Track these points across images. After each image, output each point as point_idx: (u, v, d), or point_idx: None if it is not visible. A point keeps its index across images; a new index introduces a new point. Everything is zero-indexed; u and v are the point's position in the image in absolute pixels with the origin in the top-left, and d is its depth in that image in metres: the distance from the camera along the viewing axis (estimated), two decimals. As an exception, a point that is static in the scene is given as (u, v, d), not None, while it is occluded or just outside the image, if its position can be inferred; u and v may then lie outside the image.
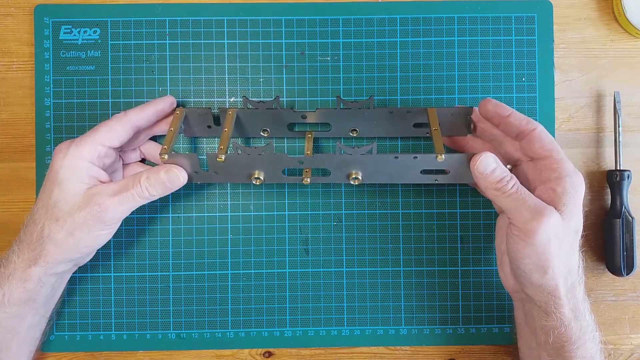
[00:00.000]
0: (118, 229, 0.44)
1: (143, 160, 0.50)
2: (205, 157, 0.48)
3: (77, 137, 0.43)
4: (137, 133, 0.46)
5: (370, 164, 0.42)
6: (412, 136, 0.50)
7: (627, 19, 0.48)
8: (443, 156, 0.41)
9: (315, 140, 0.50)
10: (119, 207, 0.42)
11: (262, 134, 0.49)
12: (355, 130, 0.49)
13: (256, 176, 0.43)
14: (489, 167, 0.41)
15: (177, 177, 0.43)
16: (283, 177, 0.44)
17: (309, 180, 0.44)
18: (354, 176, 0.43)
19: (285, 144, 0.50)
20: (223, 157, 0.42)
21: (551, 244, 0.39)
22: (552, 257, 0.39)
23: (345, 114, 0.47)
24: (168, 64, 0.50)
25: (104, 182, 0.43)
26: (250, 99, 0.47)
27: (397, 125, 0.48)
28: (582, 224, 0.41)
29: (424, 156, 0.42)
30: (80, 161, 0.42)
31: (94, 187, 0.42)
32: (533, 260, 0.40)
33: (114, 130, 0.43)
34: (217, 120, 0.48)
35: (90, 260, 0.47)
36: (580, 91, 0.51)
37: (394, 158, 0.42)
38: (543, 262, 0.39)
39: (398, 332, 0.50)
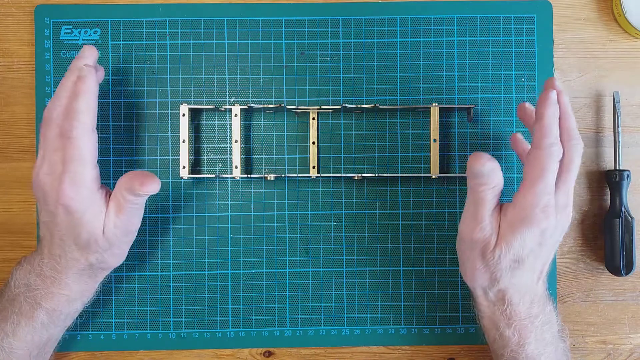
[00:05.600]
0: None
1: None
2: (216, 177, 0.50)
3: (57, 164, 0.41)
4: None
5: None
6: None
7: (627, 19, 0.48)
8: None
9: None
10: (130, 220, 0.43)
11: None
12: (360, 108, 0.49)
13: None
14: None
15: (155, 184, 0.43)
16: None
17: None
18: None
19: (285, 128, 0.50)
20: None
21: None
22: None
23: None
24: (168, 64, 0.50)
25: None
26: (252, 104, 0.48)
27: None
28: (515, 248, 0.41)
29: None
30: (90, 192, 0.41)
31: (107, 220, 0.42)
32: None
33: (92, 138, 0.42)
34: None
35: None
36: (580, 91, 0.51)
37: None
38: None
39: (398, 332, 0.50)
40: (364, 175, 0.48)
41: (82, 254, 0.42)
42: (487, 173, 0.41)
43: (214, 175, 0.49)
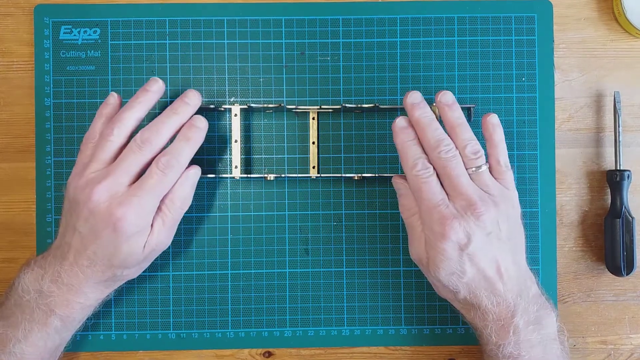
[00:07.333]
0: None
1: None
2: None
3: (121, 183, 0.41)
4: None
5: None
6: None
7: (627, 19, 0.48)
8: None
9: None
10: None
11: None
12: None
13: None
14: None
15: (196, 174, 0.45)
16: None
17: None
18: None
19: (285, 126, 0.50)
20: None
21: None
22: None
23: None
24: (168, 64, 0.50)
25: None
26: (252, 104, 0.48)
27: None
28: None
29: None
30: (148, 219, 0.42)
31: (150, 238, 0.43)
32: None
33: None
34: None
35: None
36: (580, 91, 0.51)
37: None
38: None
39: (398, 332, 0.50)
40: (364, 175, 0.48)
41: (110, 268, 0.42)
42: (400, 193, 0.45)
43: (213, 175, 0.49)
